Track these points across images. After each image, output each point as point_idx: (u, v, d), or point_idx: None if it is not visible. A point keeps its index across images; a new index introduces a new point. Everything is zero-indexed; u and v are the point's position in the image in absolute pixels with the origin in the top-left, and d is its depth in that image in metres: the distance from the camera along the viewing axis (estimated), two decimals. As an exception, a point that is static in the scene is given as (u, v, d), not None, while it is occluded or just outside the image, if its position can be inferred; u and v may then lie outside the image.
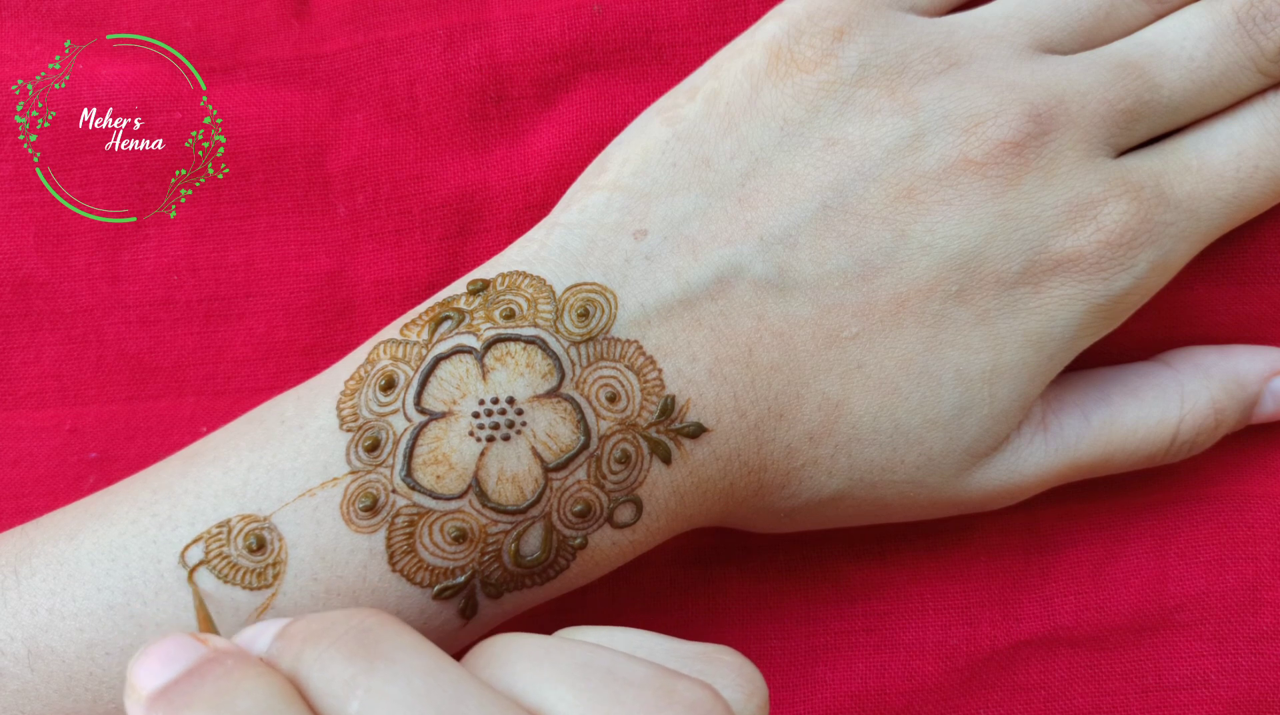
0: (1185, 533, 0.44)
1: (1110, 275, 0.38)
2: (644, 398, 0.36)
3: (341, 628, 0.27)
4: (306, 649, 0.27)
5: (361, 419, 0.35)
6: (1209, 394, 0.41)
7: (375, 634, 0.27)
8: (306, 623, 0.27)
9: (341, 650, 0.26)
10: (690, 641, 0.30)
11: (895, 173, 0.37)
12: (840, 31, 0.38)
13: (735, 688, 0.29)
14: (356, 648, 0.26)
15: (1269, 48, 0.39)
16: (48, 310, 0.44)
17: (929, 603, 0.44)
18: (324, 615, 0.27)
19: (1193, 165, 0.39)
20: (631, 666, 0.27)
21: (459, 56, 0.44)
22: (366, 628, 0.27)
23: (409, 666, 0.26)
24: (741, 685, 0.29)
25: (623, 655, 0.28)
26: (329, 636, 0.27)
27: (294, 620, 0.28)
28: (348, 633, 0.27)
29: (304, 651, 0.27)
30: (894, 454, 0.38)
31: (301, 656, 0.27)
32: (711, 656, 0.30)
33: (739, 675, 0.29)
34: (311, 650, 0.27)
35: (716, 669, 0.29)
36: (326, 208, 0.44)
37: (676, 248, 0.37)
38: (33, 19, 0.45)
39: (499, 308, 0.36)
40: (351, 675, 0.26)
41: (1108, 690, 0.43)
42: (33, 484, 0.43)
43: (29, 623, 0.34)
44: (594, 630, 0.30)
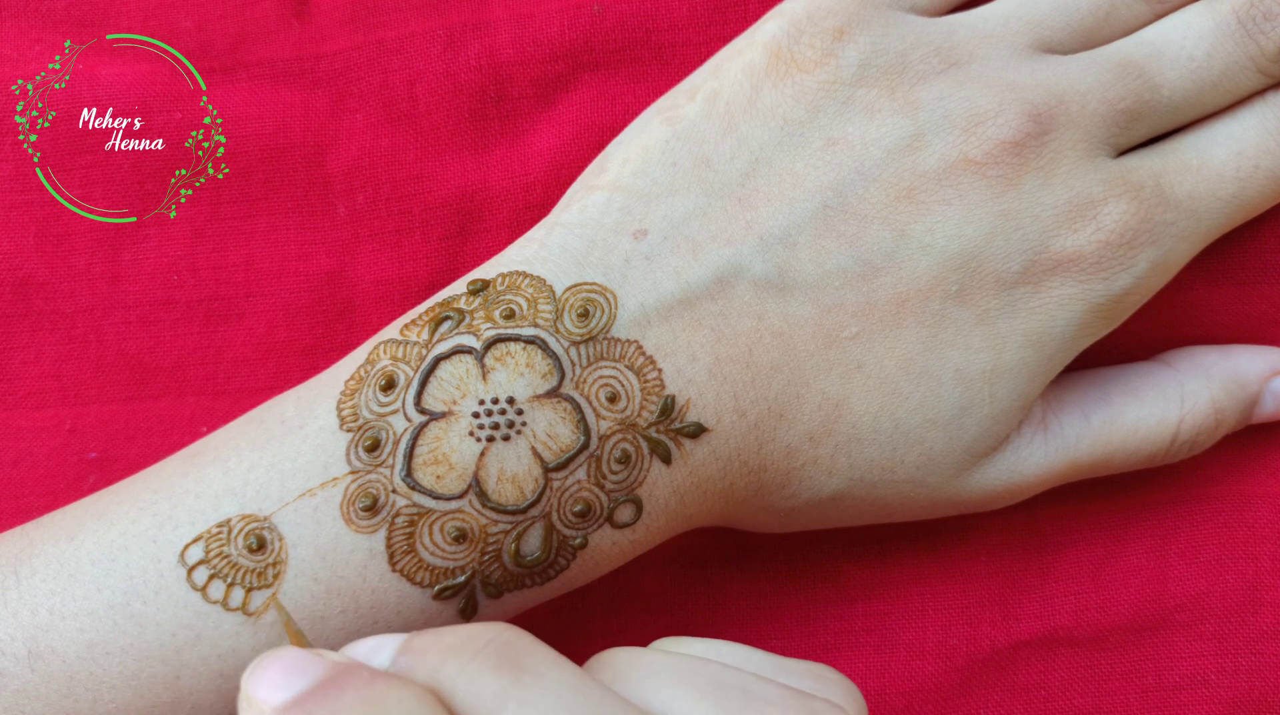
0: (1185, 533, 0.44)
1: (1110, 275, 0.38)
2: (644, 398, 0.36)
3: (481, 640, 0.27)
4: (447, 662, 0.27)
5: (362, 419, 0.35)
6: (1209, 394, 0.41)
7: (516, 647, 0.27)
8: (437, 636, 0.27)
9: (486, 663, 0.26)
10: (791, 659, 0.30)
11: (895, 173, 0.37)
12: (840, 31, 0.38)
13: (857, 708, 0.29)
14: (502, 661, 0.26)
15: (1269, 47, 0.39)
16: (48, 310, 0.44)
17: (929, 603, 0.44)
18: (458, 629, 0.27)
19: (1193, 165, 0.39)
20: (765, 687, 0.28)
21: (459, 56, 0.44)
22: (506, 641, 0.27)
23: (556, 680, 0.26)
24: (852, 704, 0.29)
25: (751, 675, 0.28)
26: (469, 649, 0.27)
27: (417, 635, 0.28)
28: (489, 645, 0.27)
29: (444, 664, 0.27)
30: (894, 454, 0.38)
31: (442, 669, 0.26)
32: (819, 674, 0.30)
33: (847, 693, 0.30)
34: (453, 663, 0.26)
35: (828, 687, 0.30)
36: (326, 208, 0.44)
37: (676, 248, 0.37)
38: (33, 19, 0.45)
39: (499, 308, 0.36)
40: (501, 688, 0.26)
41: (1108, 690, 0.43)
42: (33, 484, 0.43)
43: (29, 623, 0.34)
44: (697, 643, 0.30)
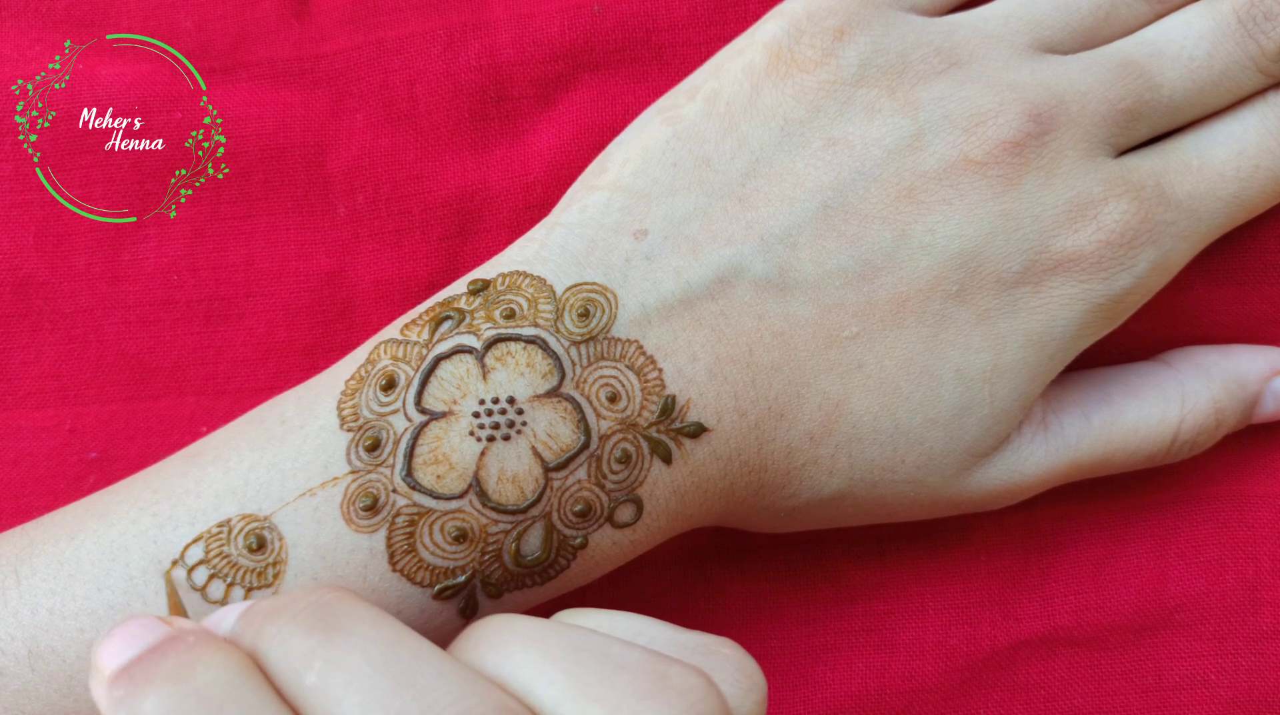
0: (1185, 533, 0.44)
1: (1111, 275, 0.38)
2: (644, 397, 0.36)
3: (301, 604, 0.27)
4: (266, 625, 0.27)
5: (362, 419, 0.35)
6: (1210, 394, 0.41)
7: (334, 608, 0.27)
8: (268, 601, 0.28)
9: (300, 624, 0.27)
10: (691, 631, 0.30)
11: (896, 172, 0.37)
12: (840, 31, 0.38)
13: (733, 682, 0.29)
14: (315, 621, 0.27)
15: (1269, 47, 0.39)
16: (48, 310, 0.44)
17: (929, 603, 0.44)
18: (286, 594, 0.28)
19: (1193, 165, 0.39)
20: (625, 651, 0.27)
21: (459, 56, 0.44)
22: (325, 603, 0.27)
23: (367, 637, 0.26)
24: (740, 680, 0.29)
25: (617, 640, 0.28)
26: (288, 612, 0.27)
27: (258, 601, 0.28)
28: (307, 608, 0.27)
29: (264, 628, 0.27)
30: (894, 453, 0.38)
31: (262, 632, 0.27)
32: (711, 649, 0.29)
33: (738, 670, 0.29)
34: (271, 626, 0.27)
35: (715, 661, 0.29)
36: (326, 208, 0.44)
37: (677, 247, 0.37)
38: (33, 19, 0.45)
39: (499, 307, 0.36)
40: (310, 647, 0.26)
41: (1108, 690, 0.43)
42: (33, 484, 0.43)
43: (29, 622, 0.34)
44: (594, 614, 0.30)
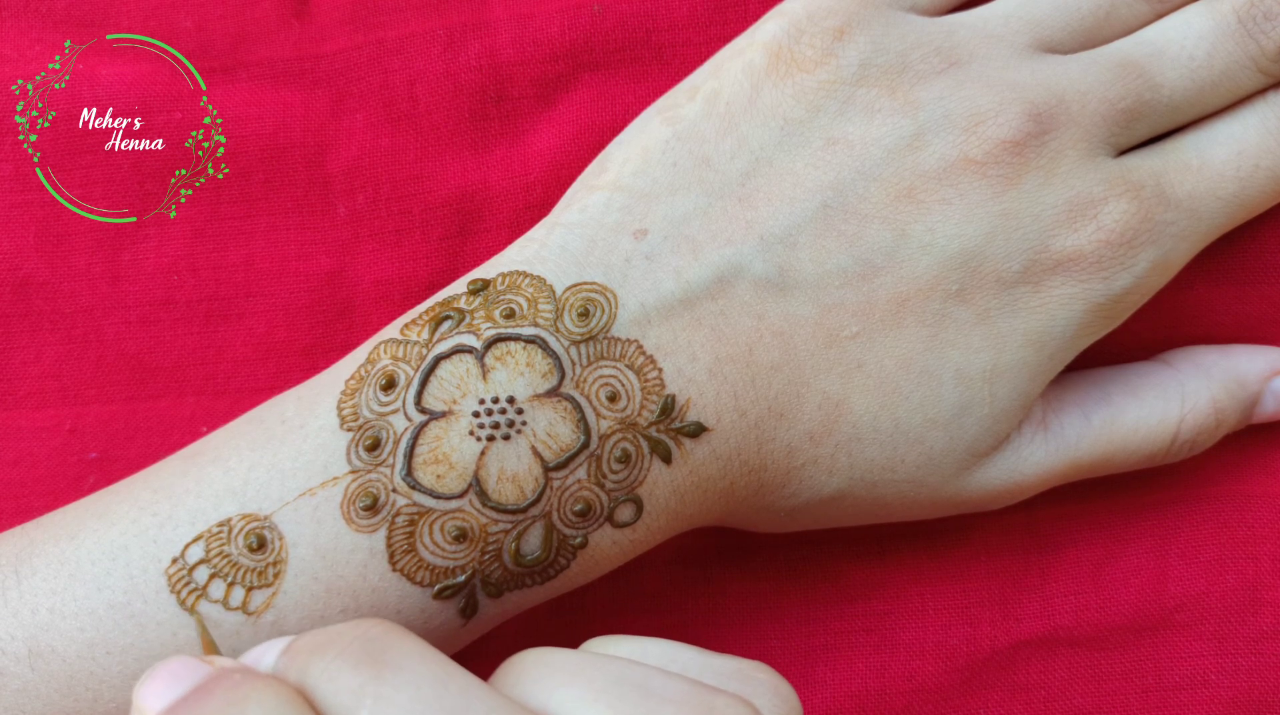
0: (1185, 533, 0.44)
1: (1110, 274, 0.38)
2: (644, 397, 0.36)
3: (347, 638, 0.27)
4: (313, 661, 0.26)
5: (362, 418, 0.35)
6: (1209, 394, 0.41)
7: (381, 642, 0.27)
8: (312, 636, 0.27)
9: (348, 660, 0.26)
10: (724, 655, 0.30)
11: (895, 172, 0.37)
12: (840, 31, 0.38)
13: (772, 708, 0.29)
14: (363, 656, 0.26)
15: (1269, 47, 0.39)
16: (48, 310, 0.44)
17: (929, 603, 0.44)
18: (330, 628, 0.27)
19: (1193, 164, 0.39)
20: (667, 682, 0.27)
21: (459, 56, 0.44)
22: (372, 637, 0.27)
23: (416, 674, 0.26)
24: (778, 706, 0.29)
25: (657, 670, 0.27)
26: (335, 647, 0.26)
27: (301, 636, 0.27)
28: (353, 642, 0.26)
29: (310, 663, 0.26)
30: (894, 453, 0.38)
31: (308, 669, 0.26)
32: (747, 674, 0.29)
33: (775, 694, 0.29)
34: (318, 661, 0.26)
35: (752, 687, 0.29)
36: (326, 208, 0.44)
37: (677, 247, 0.37)
38: (33, 19, 0.45)
39: (499, 307, 0.36)
40: (359, 684, 0.26)
41: (1108, 690, 0.43)
42: (33, 484, 0.43)
43: (30, 622, 0.34)
44: (625, 641, 0.30)
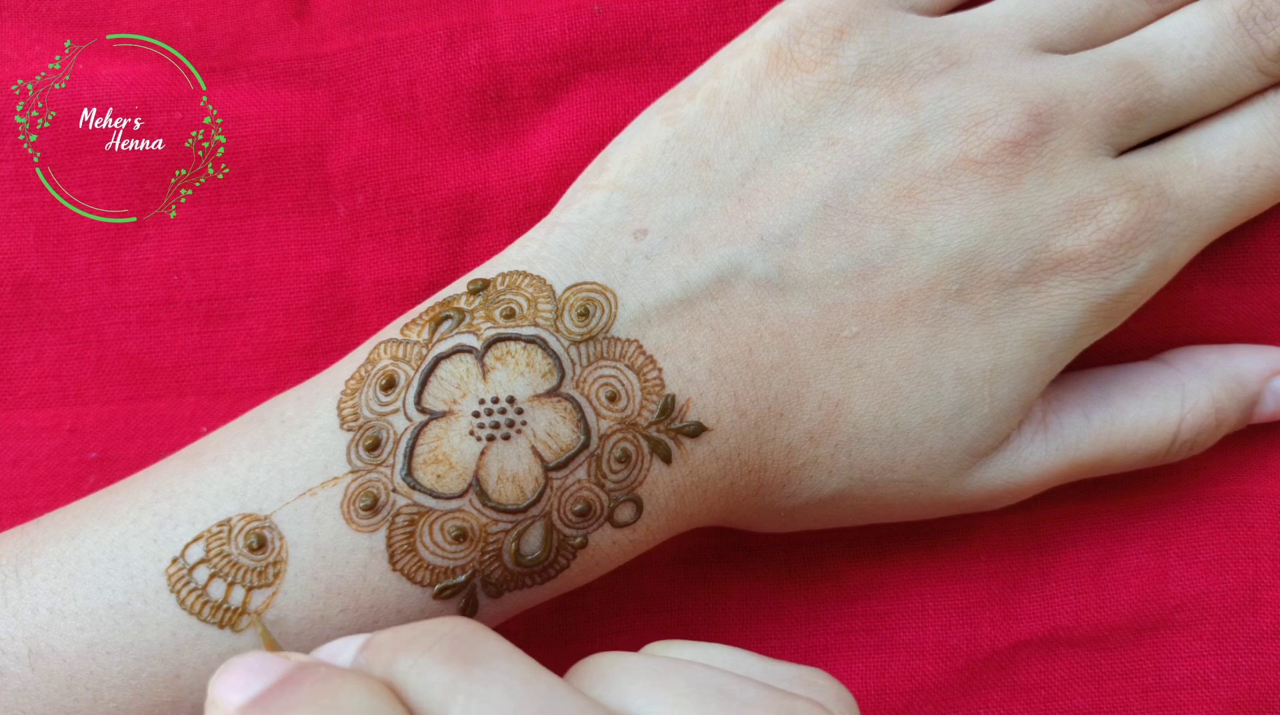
0: (1185, 533, 0.44)
1: (1111, 274, 0.38)
2: (644, 397, 0.36)
3: (435, 635, 0.27)
4: (400, 656, 0.27)
5: (362, 418, 0.35)
6: (1210, 393, 0.41)
7: (469, 641, 0.27)
8: (395, 633, 0.27)
9: (437, 656, 0.26)
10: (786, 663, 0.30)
11: (895, 172, 0.37)
12: (840, 31, 0.38)
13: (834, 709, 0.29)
14: (452, 654, 0.26)
15: (1269, 47, 0.39)
16: (48, 310, 0.44)
17: (929, 603, 0.44)
18: (414, 625, 0.27)
19: (1193, 164, 0.39)
20: (744, 686, 0.27)
21: (459, 56, 0.44)
22: (460, 635, 0.27)
23: (506, 672, 0.26)
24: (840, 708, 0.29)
25: (732, 675, 0.28)
26: (422, 644, 0.27)
27: (380, 633, 0.28)
28: (441, 639, 0.27)
29: (397, 659, 0.27)
30: (894, 453, 0.38)
31: (395, 664, 0.27)
32: (810, 680, 0.30)
33: (838, 700, 0.29)
34: (405, 657, 0.27)
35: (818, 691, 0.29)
36: (327, 208, 0.44)
37: (677, 247, 0.37)
38: (33, 19, 0.45)
39: (499, 307, 0.36)
40: (451, 680, 0.26)
41: (1108, 690, 0.43)
42: (33, 484, 0.43)
43: (30, 622, 0.34)
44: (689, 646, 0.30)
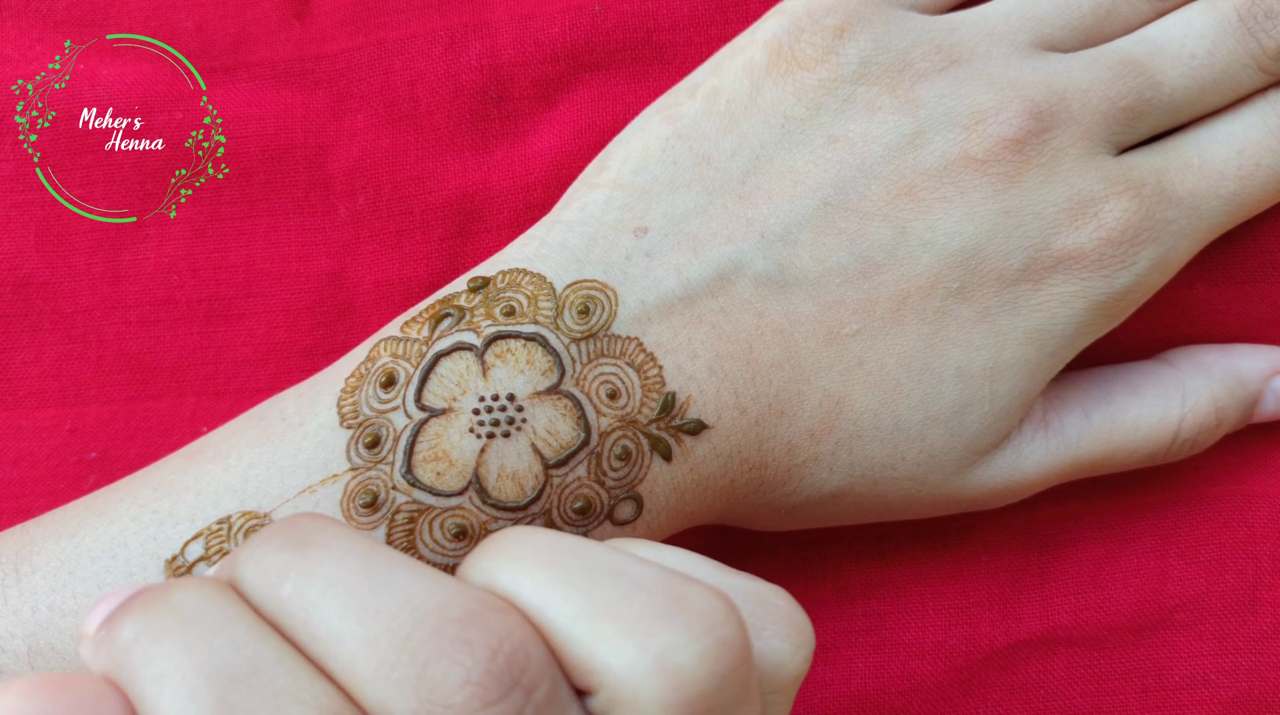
0: (1185, 533, 0.44)
1: (1111, 272, 0.38)
2: (644, 394, 0.36)
3: (273, 529, 0.27)
4: (240, 555, 0.27)
5: (362, 416, 0.35)
6: (1210, 392, 0.41)
7: (306, 526, 0.27)
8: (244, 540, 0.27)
9: (273, 545, 0.27)
10: (745, 575, 0.29)
11: (896, 170, 0.37)
12: (841, 29, 0.38)
13: (784, 636, 0.28)
14: (288, 540, 0.27)
15: (1270, 45, 0.39)
16: (48, 310, 0.44)
17: (929, 603, 0.44)
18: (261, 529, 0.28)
19: (1194, 163, 0.39)
20: (643, 569, 0.27)
21: (460, 57, 0.44)
22: (296, 522, 0.27)
23: (341, 548, 0.26)
24: (790, 634, 0.29)
25: (637, 559, 0.27)
26: (260, 537, 0.27)
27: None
28: (279, 531, 0.27)
29: (238, 558, 0.27)
30: (895, 451, 0.38)
31: (235, 561, 0.27)
32: (764, 597, 0.29)
33: (789, 623, 0.29)
34: (245, 554, 0.27)
35: (766, 611, 0.29)
36: (327, 208, 0.44)
37: (677, 245, 0.37)
38: (33, 19, 0.45)
39: (499, 305, 0.36)
40: (284, 561, 0.26)
41: (1108, 690, 0.43)
42: (33, 484, 0.43)
43: (30, 620, 0.34)
44: (644, 545, 0.29)
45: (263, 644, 0.26)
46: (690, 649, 0.25)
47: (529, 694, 0.25)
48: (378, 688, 0.25)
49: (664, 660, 0.25)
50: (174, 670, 0.25)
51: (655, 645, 0.25)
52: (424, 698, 0.25)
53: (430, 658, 0.25)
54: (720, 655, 0.26)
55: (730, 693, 0.26)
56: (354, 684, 0.25)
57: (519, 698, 0.25)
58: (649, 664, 0.25)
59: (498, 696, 0.25)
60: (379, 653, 0.25)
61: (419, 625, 0.25)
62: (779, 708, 0.29)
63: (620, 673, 0.25)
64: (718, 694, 0.26)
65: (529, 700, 0.25)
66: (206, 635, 0.25)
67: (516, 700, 0.25)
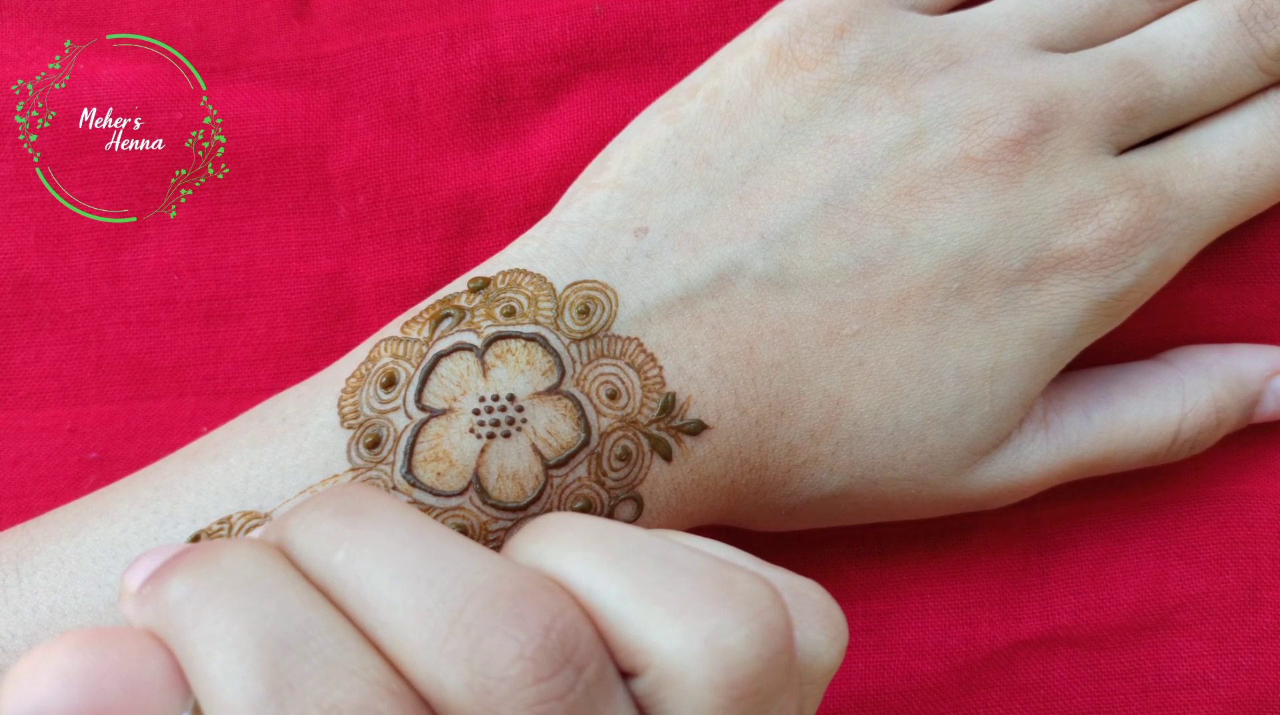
0: (1185, 533, 0.44)
1: (1112, 273, 0.38)
2: (644, 395, 0.36)
3: (323, 497, 0.27)
4: (290, 520, 0.27)
5: (362, 416, 0.35)
6: (1210, 392, 0.41)
7: (357, 496, 0.27)
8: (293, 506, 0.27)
9: (324, 512, 0.27)
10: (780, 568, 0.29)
11: (896, 170, 0.37)
12: (841, 29, 0.38)
13: (819, 628, 0.29)
14: (339, 508, 0.27)
15: (1270, 45, 0.39)
16: (48, 310, 0.44)
17: (929, 603, 0.44)
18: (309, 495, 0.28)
19: (1194, 163, 0.39)
20: (688, 555, 0.27)
21: (460, 57, 0.44)
22: (347, 491, 0.27)
23: (393, 520, 0.26)
24: (827, 627, 0.29)
25: (680, 545, 0.27)
26: (311, 504, 0.27)
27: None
28: (330, 498, 0.27)
29: (288, 523, 0.27)
30: (895, 451, 0.38)
31: (286, 526, 0.27)
32: (799, 590, 0.29)
33: (824, 616, 0.29)
34: (294, 518, 0.27)
35: (802, 604, 0.29)
36: (327, 208, 0.44)
37: (677, 245, 0.37)
38: (33, 19, 0.45)
39: (499, 305, 0.36)
40: (336, 529, 0.26)
41: (1108, 690, 0.43)
42: (33, 484, 0.43)
43: (31, 620, 0.34)
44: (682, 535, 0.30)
45: (313, 611, 0.26)
46: (739, 632, 0.26)
47: (580, 671, 0.25)
48: (429, 659, 0.25)
49: (713, 642, 0.26)
50: (225, 632, 0.25)
51: (705, 627, 0.26)
52: (477, 670, 0.25)
53: (484, 631, 0.25)
54: (768, 639, 0.26)
55: (775, 677, 0.26)
56: (403, 655, 0.25)
57: (570, 675, 0.25)
58: (699, 645, 0.26)
59: (550, 672, 0.25)
60: (431, 624, 0.25)
61: (472, 599, 0.25)
62: (812, 699, 0.29)
63: (669, 653, 0.26)
64: (764, 677, 0.26)
65: (579, 678, 0.25)
66: (258, 599, 0.25)
67: (568, 677, 0.25)
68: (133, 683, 0.25)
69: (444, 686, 0.25)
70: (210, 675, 0.25)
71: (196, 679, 0.25)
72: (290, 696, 0.24)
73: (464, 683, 0.25)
